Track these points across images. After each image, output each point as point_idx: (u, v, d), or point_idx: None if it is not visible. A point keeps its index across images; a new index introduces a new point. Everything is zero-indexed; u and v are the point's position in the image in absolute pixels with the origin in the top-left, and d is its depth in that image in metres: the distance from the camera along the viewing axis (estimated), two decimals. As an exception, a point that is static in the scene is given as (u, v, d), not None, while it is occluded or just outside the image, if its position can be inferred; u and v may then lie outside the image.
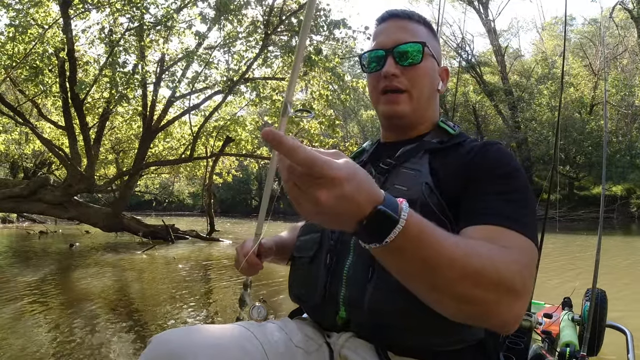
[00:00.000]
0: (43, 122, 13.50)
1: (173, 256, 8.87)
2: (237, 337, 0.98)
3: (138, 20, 9.82)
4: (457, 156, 1.08)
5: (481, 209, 0.93)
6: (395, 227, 0.65)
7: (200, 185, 20.79)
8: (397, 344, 1.01)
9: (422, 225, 0.69)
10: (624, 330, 2.44)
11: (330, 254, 1.09)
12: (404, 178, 1.07)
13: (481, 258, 0.73)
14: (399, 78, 1.12)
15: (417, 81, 1.14)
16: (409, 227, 0.66)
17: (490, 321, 0.77)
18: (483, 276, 0.72)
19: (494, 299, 0.73)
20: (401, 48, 1.13)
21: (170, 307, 4.70)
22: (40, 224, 18.22)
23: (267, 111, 13.28)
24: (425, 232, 0.69)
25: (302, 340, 1.09)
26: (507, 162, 1.01)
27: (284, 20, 10.21)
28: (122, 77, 10.01)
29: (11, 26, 9.13)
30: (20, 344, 3.38)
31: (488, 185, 0.96)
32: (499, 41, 29.52)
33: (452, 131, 1.17)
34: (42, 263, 7.85)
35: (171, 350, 0.89)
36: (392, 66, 1.12)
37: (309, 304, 1.17)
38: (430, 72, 1.16)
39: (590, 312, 2.16)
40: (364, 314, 0.99)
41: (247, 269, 1.21)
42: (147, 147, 12.42)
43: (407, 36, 1.14)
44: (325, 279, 1.08)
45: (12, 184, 11.78)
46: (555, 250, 9.52)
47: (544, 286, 5.50)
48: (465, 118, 29.78)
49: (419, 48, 1.13)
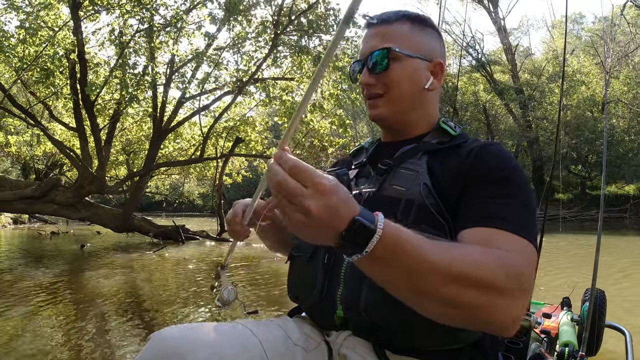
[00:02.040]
0: (54, 124, 13.61)
1: (184, 257, 8.88)
2: (236, 334, 0.99)
3: (148, 21, 9.86)
4: (456, 157, 1.07)
5: (479, 211, 0.93)
6: (373, 237, 0.68)
7: (210, 186, 20.85)
8: (393, 343, 1.02)
9: (399, 233, 0.71)
10: (623, 331, 2.45)
11: (328, 253, 1.10)
12: (403, 179, 1.07)
13: (467, 262, 0.74)
14: (375, 85, 1.14)
15: (392, 84, 1.13)
16: (386, 236, 0.69)
17: (486, 324, 0.77)
18: (468, 280, 0.73)
19: (484, 302, 0.73)
20: (372, 57, 1.13)
21: (181, 307, 4.70)
22: (51, 224, 18.40)
23: (277, 111, 13.26)
24: (403, 240, 0.71)
25: (301, 339, 1.10)
26: (506, 164, 1.00)
27: (293, 20, 10.19)
28: (132, 78, 10.04)
29: (22, 28, 9.19)
30: (31, 343, 3.39)
31: (486, 187, 0.96)
32: (509, 39, 29.33)
33: (453, 132, 1.16)
34: (53, 263, 7.89)
35: (170, 347, 0.89)
36: (366, 76, 1.15)
37: (307, 304, 1.17)
38: (407, 73, 1.13)
39: (589, 312, 2.16)
40: (359, 314, 1.00)
41: (241, 230, 1.16)
42: (158, 148, 12.45)
43: (377, 43, 1.13)
44: (324, 279, 1.09)
45: (24, 185, 11.85)
46: (562, 249, 9.44)
47: (546, 286, 5.46)
48: (476, 117, 29.60)
49: (383, 54, 1.12)
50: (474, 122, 29.77)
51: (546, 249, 9.27)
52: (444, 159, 1.08)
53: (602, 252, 2.26)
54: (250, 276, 6.38)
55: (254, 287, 5.66)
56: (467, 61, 30.19)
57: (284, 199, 0.67)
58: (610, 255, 8.04)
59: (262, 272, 6.62)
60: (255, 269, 6.87)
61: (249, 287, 5.63)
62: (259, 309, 4.52)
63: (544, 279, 5.86)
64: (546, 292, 5.02)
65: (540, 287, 5.27)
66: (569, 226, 17.50)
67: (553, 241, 11.09)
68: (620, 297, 4.92)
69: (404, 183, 1.05)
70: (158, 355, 0.89)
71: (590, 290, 2.26)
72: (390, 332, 0.99)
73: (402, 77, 1.13)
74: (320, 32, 10.28)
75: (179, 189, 25.86)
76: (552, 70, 26.68)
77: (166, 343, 0.91)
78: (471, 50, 29.03)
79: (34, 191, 10.81)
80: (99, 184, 11.10)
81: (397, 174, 1.09)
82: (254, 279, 6.14)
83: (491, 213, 0.90)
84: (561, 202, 22.60)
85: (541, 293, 4.80)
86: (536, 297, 3.06)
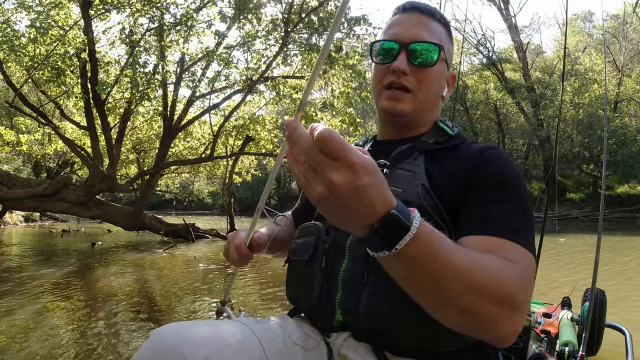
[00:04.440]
0: (65, 123, 13.68)
1: (194, 255, 8.89)
2: (236, 332, 0.99)
3: (158, 20, 9.87)
4: (454, 158, 1.05)
5: (481, 218, 0.91)
6: (406, 235, 0.63)
7: (219, 184, 20.90)
8: (394, 346, 1.00)
9: (432, 235, 0.67)
10: (623, 330, 2.45)
11: (325, 257, 1.09)
12: (400, 179, 1.04)
13: (486, 271, 0.73)
14: (407, 76, 1.08)
15: (425, 83, 1.10)
16: (420, 236, 0.64)
17: (488, 334, 0.75)
18: (487, 290, 0.71)
19: (496, 312, 0.72)
20: (417, 46, 1.08)
21: (191, 305, 4.70)
22: (63, 222, 18.55)
23: (287, 110, 13.24)
24: (434, 243, 0.67)
25: (300, 338, 1.09)
26: (507, 170, 0.99)
27: (303, 18, 10.15)
28: (142, 77, 10.05)
29: (32, 27, 9.23)
30: (43, 340, 3.41)
31: (487, 194, 0.94)
32: (521, 37, 29.11)
33: (451, 132, 1.14)
34: (64, 261, 7.93)
35: (170, 344, 0.88)
36: (404, 62, 1.08)
37: (305, 307, 1.16)
38: (440, 77, 1.13)
39: (589, 312, 2.16)
40: (359, 319, 0.99)
41: (238, 260, 1.23)
42: (168, 147, 12.49)
43: (426, 34, 1.09)
44: (322, 283, 1.08)
45: (35, 183, 11.93)
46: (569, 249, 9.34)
47: (548, 286, 5.41)
48: (486, 116, 29.44)
49: (435, 50, 1.08)
50: (485, 120, 29.61)
51: (558, 249, 9.19)
52: (441, 160, 1.06)
53: (609, 253, 2.24)
54: (255, 275, 6.37)
55: (258, 286, 5.66)
56: (478, 59, 30.05)
57: (307, 166, 0.61)
58: (621, 256, 7.94)
59: (267, 272, 6.60)
60: (260, 268, 6.85)
61: (255, 287, 5.62)
62: (261, 308, 4.53)
63: (548, 279, 5.83)
64: (546, 292, 4.98)
65: (542, 286, 5.25)
66: (581, 226, 17.38)
67: (564, 241, 11.00)
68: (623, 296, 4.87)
69: (402, 184, 1.02)
70: (157, 352, 0.88)
71: (591, 290, 2.26)
72: (391, 336, 0.98)
73: (436, 79, 1.12)
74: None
75: (189, 187, 25.97)
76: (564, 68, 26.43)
77: (166, 340, 0.90)
78: (482, 48, 28.88)
79: (45, 189, 10.87)
80: (110, 182, 11.14)
81: (394, 175, 1.06)
82: (259, 278, 6.12)
83: (495, 220, 0.88)
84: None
85: (541, 293, 4.77)
86: (536, 297, 3.07)
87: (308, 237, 1.14)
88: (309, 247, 1.12)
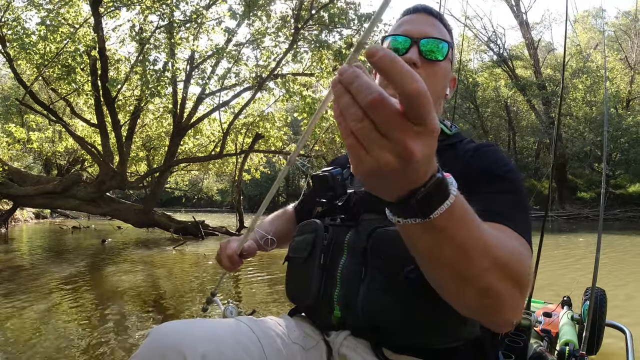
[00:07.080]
0: (76, 120, 13.75)
1: (204, 253, 8.88)
2: (235, 331, 0.99)
3: (168, 17, 9.88)
4: (451, 156, 1.06)
5: (481, 209, 0.84)
6: (444, 203, 0.57)
7: (228, 182, 20.92)
8: (393, 342, 1.01)
9: (466, 205, 0.62)
10: (623, 330, 2.46)
11: (324, 254, 1.10)
12: None
13: (509, 250, 0.71)
14: (418, 69, 1.09)
15: (433, 78, 1.12)
16: (456, 205, 0.59)
17: (497, 317, 0.73)
18: (508, 268, 0.68)
19: (512, 293, 0.69)
20: (428, 41, 1.12)
21: (200, 303, 4.67)
22: (73, 219, 18.66)
23: (296, 107, 13.21)
24: (468, 214, 0.63)
25: (299, 337, 1.10)
26: (504, 164, 1.00)
27: (314, 15, 10.12)
28: (152, 74, 10.07)
29: (42, 25, 9.26)
30: (53, 337, 3.40)
31: (486, 187, 0.95)
32: (531, 34, 28.86)
33: (449, 131, 1.16)
34: (74, 258, 7.95)
35: (169, 342, 0.89)
36: (416, 55, 1.10)
37: (304, 304, 1.17)
38: (446, 74, 1.16)
39: (589, 311, 2.17)
40: (357, 315, 1.00)
41: (229, 267, 1.30)
42: (177, 144, 12.52)
43: (435, 32, 1.14)
44: (320, 279, 1.09)
45: (45, 180, 12.00)
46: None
47: (548, 285, 5.36)
48: (497, 114, 29.25)
49: (445, 46, 1.13)
50: (495, 118, 29.41)
51: (568, 247, 9.10)
52: (439, 158, 1.02)
53: (619, 253, 2.22)
54: (257, 274, 6.36)
55: (260, 285, 5.64)
56: (488, 56, 29.84)
57: (370, 126, 0.50)
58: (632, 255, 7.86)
59: (268, 271, 6.58)
60: (262, 268, 6.84)
61: (256, 285, 5.61)
62: (261, 308, 4.50)
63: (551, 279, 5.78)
64: (547, 291, 4.93)
65: (543, 286, 5.21)
66: (592, 225, 17.21)
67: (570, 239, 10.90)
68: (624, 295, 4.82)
69: None
70: (157, 349, 0.88)
71: (591, 289, 2.27)
72: (389, 332, 0.98)
73: (443, 75, 1.15)
74: (342, 27, 10.20)
75: (198, 184, 26.04)
76: (576, 66, 26.11)
77: (165, 338, 0.90)
78: (492, 45, 28.67)
79: (56, 186, 10.93)
80: (120, 179, 11.19)
81: None
82: (260, 277, 6.11)
83: (495, 210, 0.86)
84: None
85: (541, 292, 4.72)
86: (536, 297, 3.05)
87: (307, 235, 1.17)
88: (307, 245, 1.14)
